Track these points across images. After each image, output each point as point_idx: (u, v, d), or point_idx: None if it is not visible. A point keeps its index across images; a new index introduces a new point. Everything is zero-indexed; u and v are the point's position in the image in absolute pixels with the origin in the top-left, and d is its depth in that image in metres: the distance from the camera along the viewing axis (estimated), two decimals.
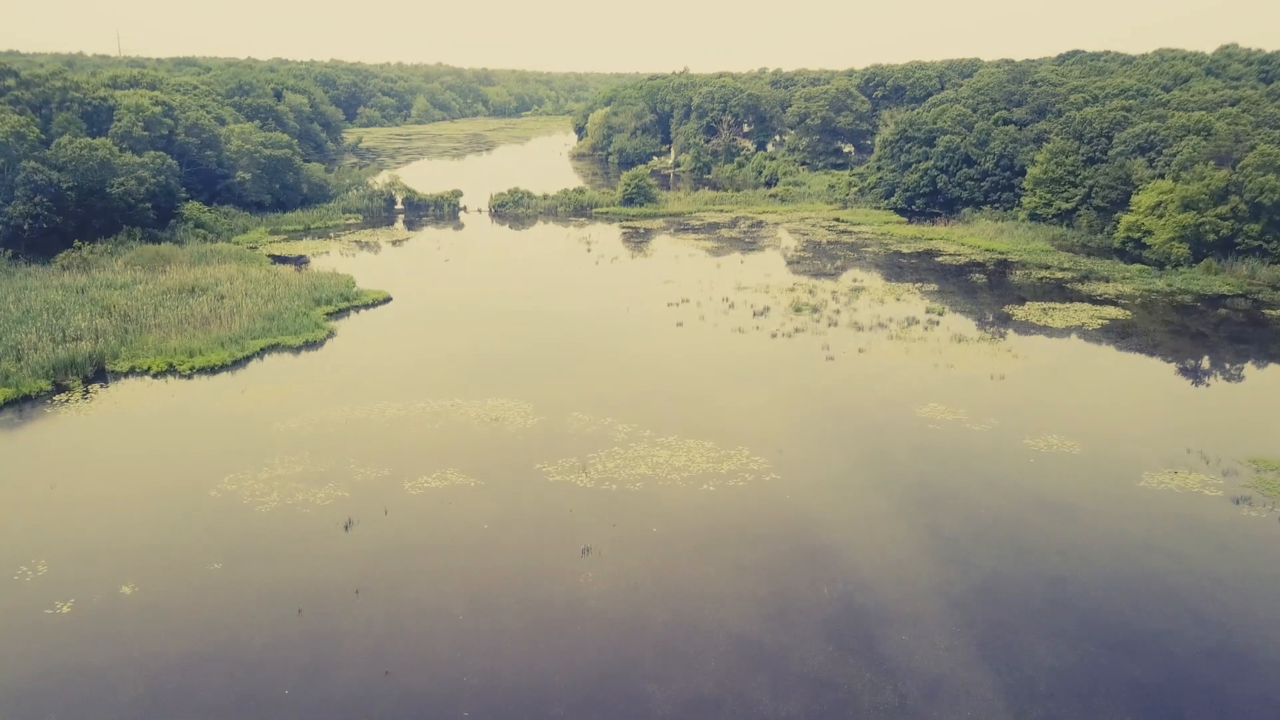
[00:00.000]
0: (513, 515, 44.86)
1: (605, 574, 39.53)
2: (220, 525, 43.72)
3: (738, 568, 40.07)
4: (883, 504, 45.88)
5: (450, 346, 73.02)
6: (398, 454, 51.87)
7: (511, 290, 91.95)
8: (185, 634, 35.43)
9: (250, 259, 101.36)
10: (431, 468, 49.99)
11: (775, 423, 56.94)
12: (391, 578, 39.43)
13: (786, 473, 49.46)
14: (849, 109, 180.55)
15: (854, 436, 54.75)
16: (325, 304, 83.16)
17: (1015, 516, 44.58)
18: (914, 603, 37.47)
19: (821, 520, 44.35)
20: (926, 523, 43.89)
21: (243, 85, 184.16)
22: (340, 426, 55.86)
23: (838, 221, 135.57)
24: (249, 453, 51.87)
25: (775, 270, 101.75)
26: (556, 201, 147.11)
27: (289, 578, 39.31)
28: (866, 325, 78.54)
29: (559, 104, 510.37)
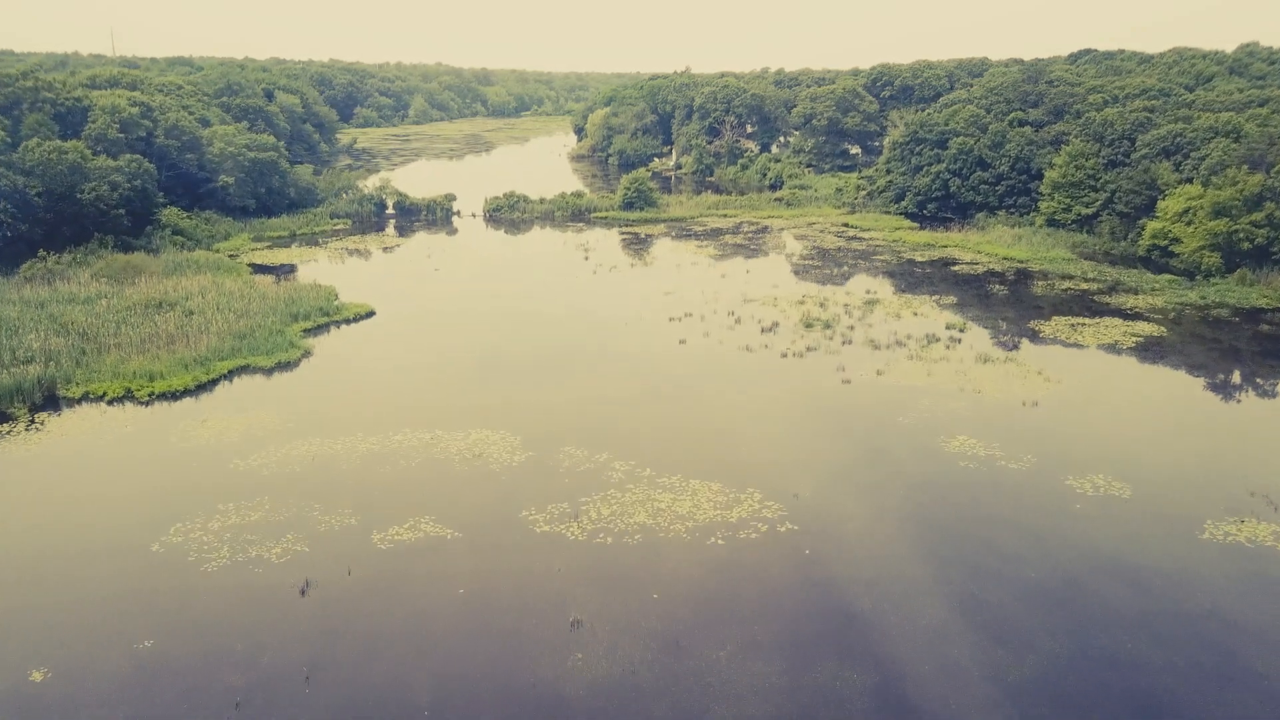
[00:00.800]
0: (493, 576, 39.32)
1: (597, 654, 33.98)
2: (158, 590, 38.19)
3: (752, 646, 34.50)
4: (915, 563, 40.32)
5: (434, 368, 67.50)
6: (367, 498, 46.35)
7: (503, 303, 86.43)
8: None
9: (229, 269, 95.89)
10: (404, 515, 44.46)
11: (789, 459, 51.39)
12: (349, 658, 33.89)
13: (804, 521, 43.92)
14: (856, 109, 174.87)
15: (877, 477, 49.18)
16: (303, 319, 77.65)
17: (1067, 579, 39.01)
18: (962, 695, 31.90)
19: (846, 584, 38.79)
20: (967, 588, 38.32)
21: (231, 85, 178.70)
22: (306, 464, 50.33)
23: (846, 227, 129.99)
24: (202, 496, 46.36)
25: (783, 280, 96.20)
26: (554, 206, 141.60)
27: (230, 658, 33.78)
28: (883, 343, 72.99)
29: (559, 104, 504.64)
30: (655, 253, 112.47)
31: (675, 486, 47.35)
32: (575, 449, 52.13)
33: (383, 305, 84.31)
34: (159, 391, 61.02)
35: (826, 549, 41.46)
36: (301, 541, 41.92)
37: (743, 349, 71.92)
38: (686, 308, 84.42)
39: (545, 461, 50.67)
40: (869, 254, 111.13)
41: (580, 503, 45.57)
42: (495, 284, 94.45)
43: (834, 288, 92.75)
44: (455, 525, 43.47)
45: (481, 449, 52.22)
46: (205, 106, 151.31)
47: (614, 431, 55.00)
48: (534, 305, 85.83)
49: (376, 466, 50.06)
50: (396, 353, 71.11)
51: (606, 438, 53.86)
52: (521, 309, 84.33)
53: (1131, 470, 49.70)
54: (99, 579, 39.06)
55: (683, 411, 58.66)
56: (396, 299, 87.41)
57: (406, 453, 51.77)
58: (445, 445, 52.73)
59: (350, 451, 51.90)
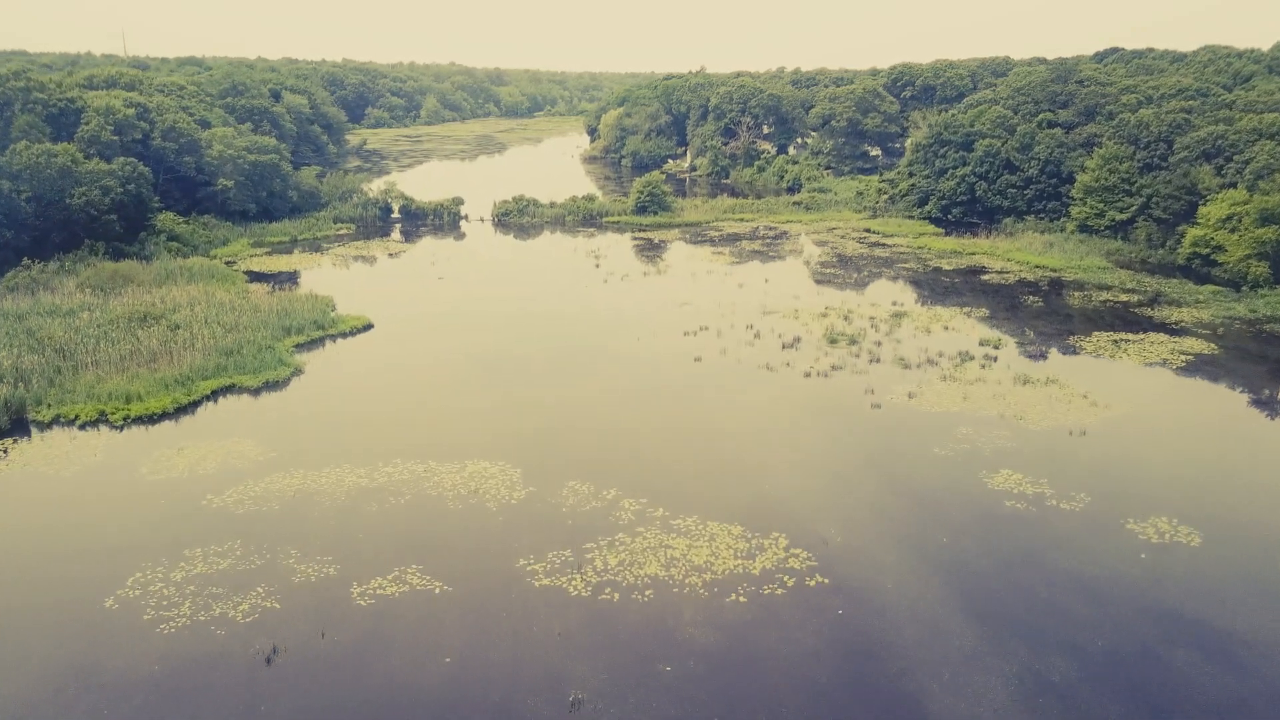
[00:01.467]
0: (484, 641, 34.70)
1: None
2: (104, 658, 33.72)
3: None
4: (965, 628, 35.46)
5: (431, 388, 62.98)
6: (350, 542, 41.82)
7: (507, 316, 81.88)
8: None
9: (223, 277, 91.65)
10: (389, 563, 39.92)
11: (816, 497, 46.60)
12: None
13: (836, 573, 39.14)
14: (877, 110, 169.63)
15: (915, 519, 44.34)
16: (296, 334, 73.26)
17: (1142, 651, 34.09)
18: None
19: (887, 656, 33.98)
20: (1028, 663, 33.43)
21: (236, 86, 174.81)
22: (286, 501, 45.85)
23: (869, 233, 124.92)
24: (167, 539, 41.93)
25: (804, 290, 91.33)
26: (564, 210, 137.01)
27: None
28: (914, 361, 68.07)
29: (572, 104, 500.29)
30: (669, 259, 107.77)
31: (691, 530, 42.64)
32: (580, 484, 47.48)
33: (382, 317, 79.89)
34: (135, 415, 56.66)
35: (862, 610, 36.65)
36: (272, 596, 37.41)
37: (763, 367, 67.13)
38: (702, 320, 79.70)
39: (547, 499, 46.05)
40: (893, 261, 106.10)
41: (585, 550, 40.93)
42: (500, 294, 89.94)
43: (858, 298, 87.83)
44: (445, 577, 38.89)
45: (478, 484, 47.62)
46: (208, 108, 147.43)
47: (623, 463, 50.32)
48: (540, 318, 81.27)
49: (362, 504, 45.53)
50: (392, 371, 66.63)
51: (615, 470, 49.20)
52: (527, 322, 79.78)
53: (1197, 512, 44.71)
54: (36, 648, 34.59)
55: (699, 440, 53.92)
56: (396, 310, 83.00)
57: (396, 488, 47.22)
58: (439, 479, 48.16)
59: (335, 486, 47.39)
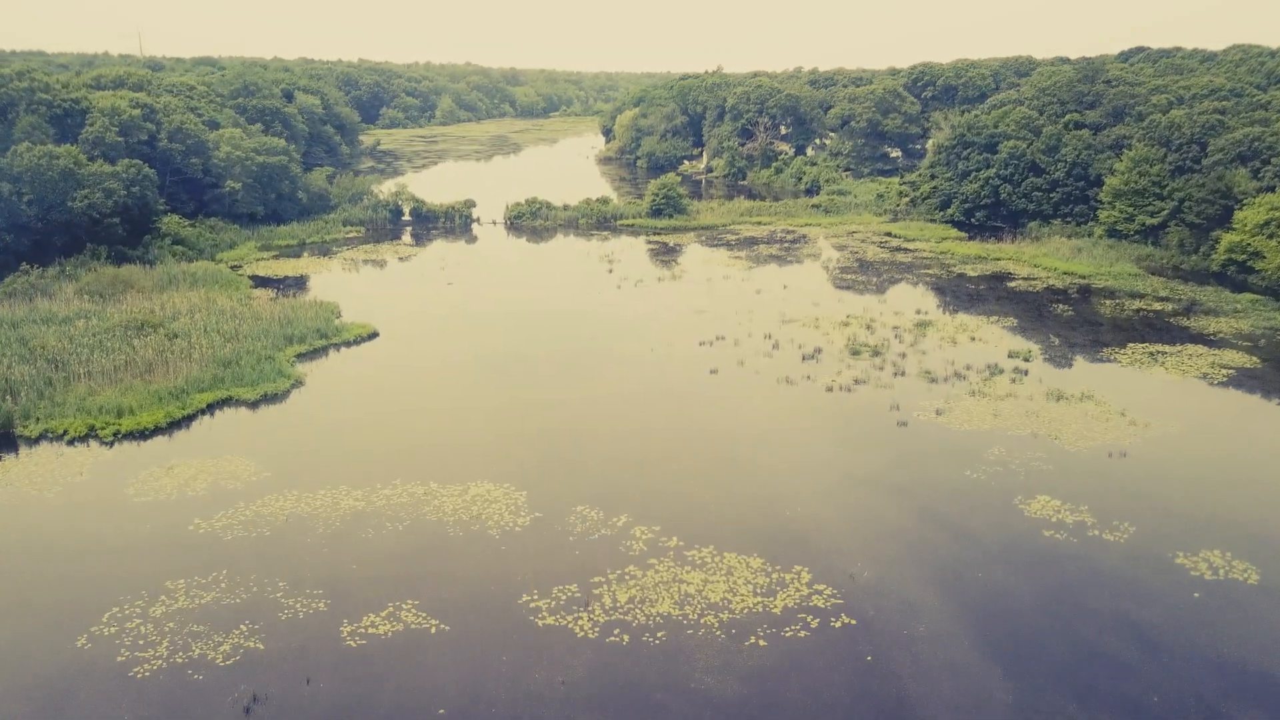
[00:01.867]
0: (481, 691, 31.96)
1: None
2: (69, 707, 31.19)
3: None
4: (1007, 679, 32.46)
5: (435, 402, 60.34)
6: (343, 574, 39.20)
7: (517, 323, 79.22)
8: None
9: (227, 283, 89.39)
10: (383, 598, 37.26)
11: (840, 525, 43.68)
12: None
13: (863, 613, 36.24)
14: (897, 110, 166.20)
15: (947, 551, 41.37)
16: (298, 343, 70.80)
17: (1206, 710, 31.05)
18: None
19: (922, 708, 31.05)
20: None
21: (248, 86, 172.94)
22: (278, 526, 43.28)
23: (890, 237, 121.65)
24: (149, 568, 39.43)
25: (824, 297, 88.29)
26: (578, 213, 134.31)
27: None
28: (940, 374, 65.00)
29: (588, 104, 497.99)
30: (685, 264, 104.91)
31: (707, 563, 39.81)
32: (589, 509, 44.72)
33: (387, 325, 77.38)
34: (126, 430, 54.25)
35: (893, 656, 33.72)
36: (257, 635, 34.81)
37: (782, 381, 64.20)
38: (719, 329, 76.83)
39: (554, 526, 43.30)
40: (916, 267, 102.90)
41: (592, 585, 38.15)
42: (510, 300, 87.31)
43: (880, 306, 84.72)
44: (442, 614, 36.19)
45: (480, 508, 44.93)
46: (218, 108, 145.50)
47: (635, 487, 47.53)
48: (551, 326, 78.56)
49: (358, 530, 42.91)
50: (395, 383, 64.06)
51: (626, 495, 46.42)
52: (536, 330, 77.09)
53: (1252, 544, 41.56)
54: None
55: (715, 461, 51.06)
56: (403, 318, 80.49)
57: (394, 512, 44.59)
58: (439, 503, 45.50)
59: (330, 510, 44.80)
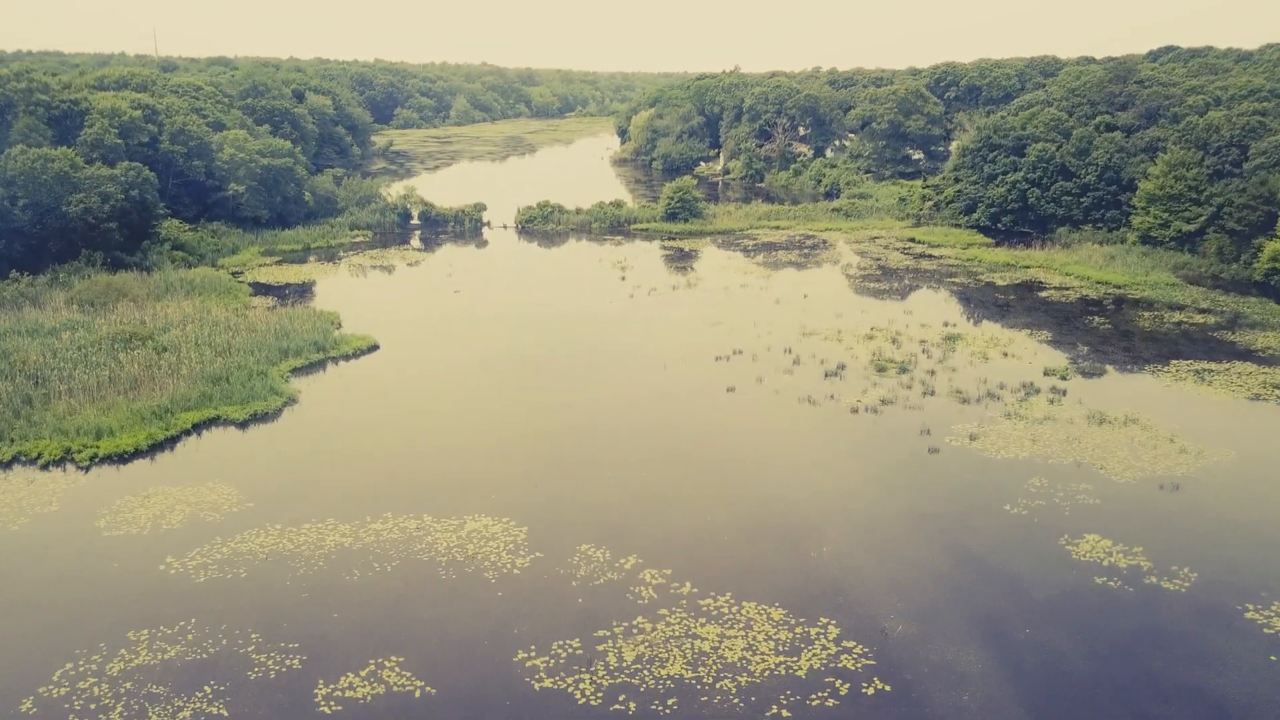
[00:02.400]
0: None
1: None
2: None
3: None
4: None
5: (433, 425, 56.79)
6: (322, 623, 35.63)
7: (523, 335, 75.61)
8: None
9: (226, 290, 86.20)
10: (365, 654, 33.67)
11: (871, 569, 39.81)
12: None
13: (898, 678, 32.37)
14: (920, 111, 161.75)
15: (990, 601, 37.43)
16: (294, 356, 67.43)
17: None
18: None
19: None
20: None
21: (257, 86, 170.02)
22: (255, 566, 39.77)
23: (913, 243, 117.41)
24: (112, 616, 35.98)
25: (846, 307, 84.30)
26: (591, 216, 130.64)
27: None
28: (972, 394, 60.98)
29: (604, 105, 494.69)
30: (700, 271, 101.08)
31: (724, 614, 36.02)
32: (595, 548, 41.04)
33: (389, 336, 73.94)
34: (104, 453, 50.90)
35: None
36: (221, 698, 31.27)
37: (804, 400, 60.34)
38: (736, 342, 73.02)
39: (555, 568, 39.62)
40: (942, 275, 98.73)
41: (596, 640, 34.43)
42: (518, 310, 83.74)
43: (906, 317, 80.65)
44: (428, 674, 32.55)
45: (476, 546, 41.30)
46: (225, 109, 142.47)
47: (645, 522, 43.80)
48: (558, 338, 74.92)
49: (342, 572, 39.35)
50: (392, 402, 60.54)
51: (635, 531, 42.70)
52: (543, 345, 73.47)
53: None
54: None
55: (733, 493, 47.27)
56: (406, 329, 77.05)
57: (383, 550, 41.02)
58: (432, 539, 41.91)
59: (314, 547, 41.27)
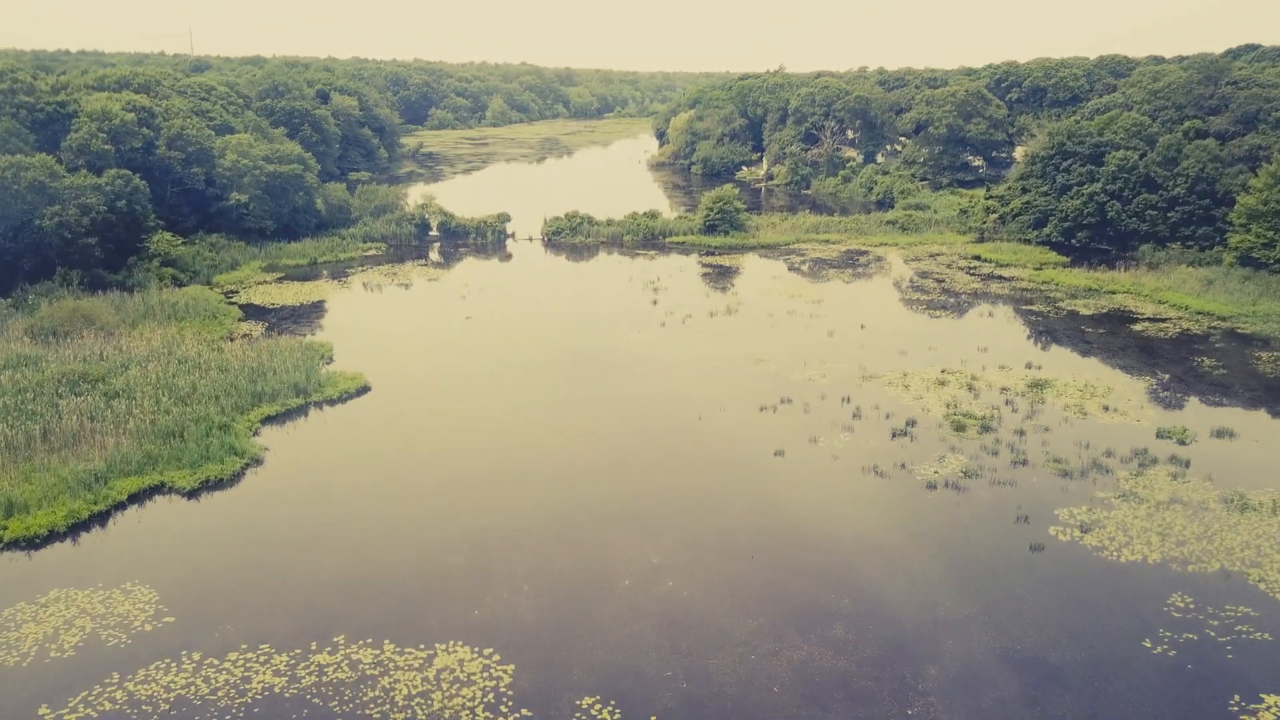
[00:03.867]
0: None
1: None
2: None
3: None
4: None
5: (415, 502, 46.93)
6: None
7: (534, 376, 65.70)
8: None
9: (213, 314, 77.35)
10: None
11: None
12: None
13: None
14: (981, 115, 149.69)
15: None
16: (268, 402, 58.07)
17: None
18: None
19: None
20: None
21: (277, 87, 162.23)
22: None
23: (979, 261, 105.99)
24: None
25: (910, 341, 73.45)
26: (622, 228, 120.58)
27: None
28: (1074, 463, 50.02)
29: (643, 105, 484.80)
30: (741, 293, 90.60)
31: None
32: (601, 705, 30.87)
33: (384, 374, 64.47)
34: (11, 538, 41.70)
35: None
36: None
37: (869, 470, 49.75)
38: (783, 386, 62.62)
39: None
40: (1015, 301, 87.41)
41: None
42: (534, 341, 73.88)
43: (981, 356, 69.67)
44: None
45: (446, 695, 31.30)
46: (238, 111, 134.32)
47: (671, 659, 33.52)
48: (576, 379, 64.92)
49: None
50: (371, 466, 50.80)
51: (657, 673, 32.49)
52: (558, 385, 63.52)
53: None
54: None
55: (785, 614, 36.81)
56: (405, 363, 67.52)
57: (324, 698, 31.15)
58: (390, 681, 31.99)
59: (235, 693, 31.53)
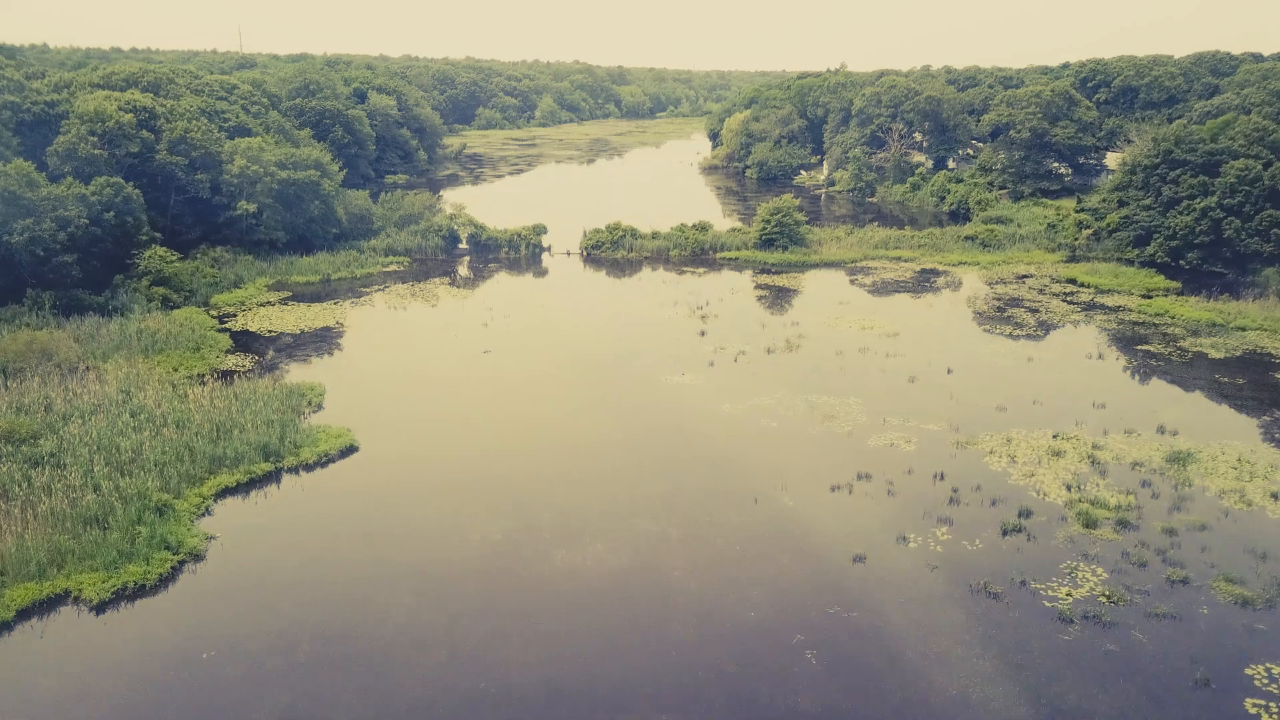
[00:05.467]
0: None
1: None
2: None
3: None
4: None
5: (390, 625, 36.08)
6: None
7: (558, 430, 54.63)
8: None
9: (196, 344, 67.65)
10: None
11: None
12: None
13: None
14: (1068, 117, 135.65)
15: None
16: (229, 468, 47.72)
17: None
18: None
19: None
20: None
21: (308, 85, 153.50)
22: None
23: (1075, 286, 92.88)
24: None
25: (1009, 391, 61.15)
26: (669, 241, 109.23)
27: None
28: (1254, 585, 37.71)
29: (697, 105, 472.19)
30: (804, 323, 78.77)
31: None
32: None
33: (377, 426, 53.98)
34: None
35: None
36: None
37: (978, 590, 37.87)
38: (859, 454, 50.93)
39: None
40: (1126, 339, 74.48)
41: None
42: (558, 385, 62.93)
43: (1098, 414, 57.22)
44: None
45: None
46: (259, 112, 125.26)
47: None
48: (604, 440, 53.72)
49: None
50: (340, 565, 40.06)
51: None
52: (581, 448, 52.38)
53: None
54: None
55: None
56: (404, 414, 56.94)
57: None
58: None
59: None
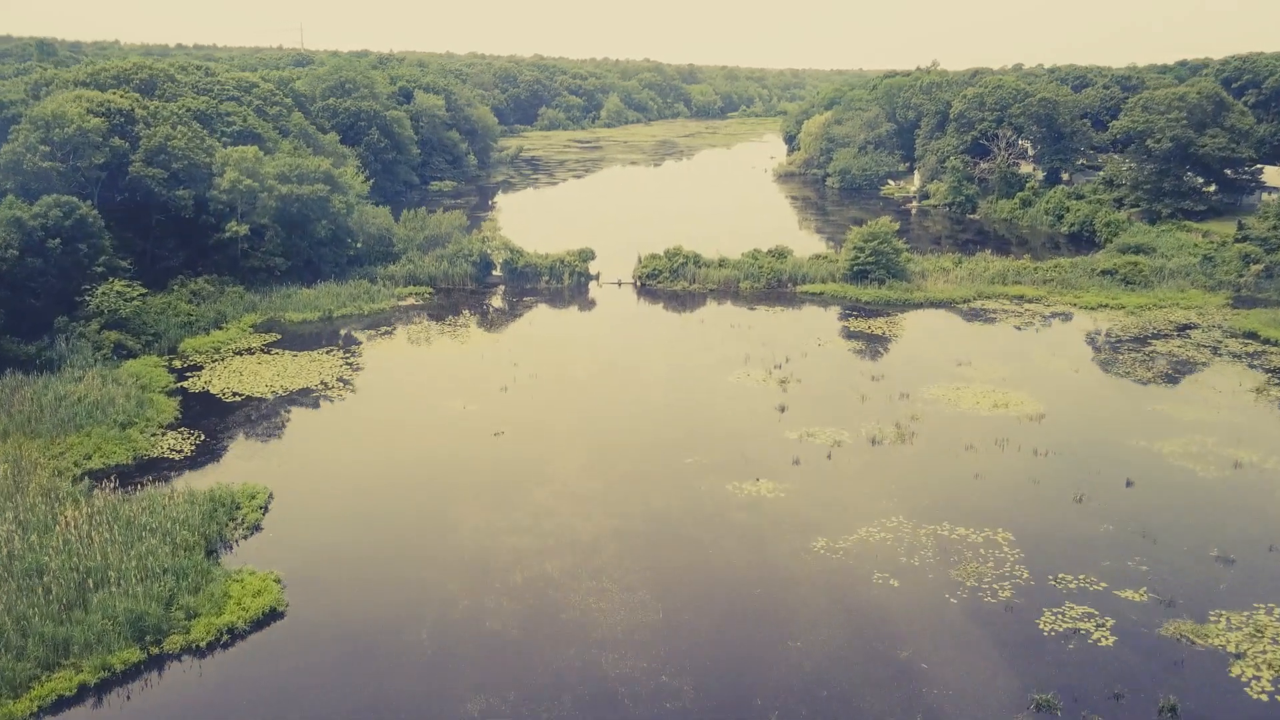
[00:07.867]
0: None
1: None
2: None
3: None
4: None
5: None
6: None
7: (568, 590, 37.88)
8: None
9: (124, 422, 52.64)
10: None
11: None
12: None
13: None
14: (1218, 124, 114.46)
15: None
16: (79, 656, 32.05)
17: None
18: None
19: None
20: None
21: (343, 84, 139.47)
22: None
23: (1257, 344, 73.19)
24: None
25: (1234, 532, 42.78)
26: (740, 271, 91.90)
27: None
28: None
29: (770, 104, 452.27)
30: (915, 394, 60.89)
31: None
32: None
33: (322, 570, 37.98)
34: None
35: None
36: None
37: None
38: (1026, 649, 33.47)
39: None
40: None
41: None
42: (585, 494, 46.21)
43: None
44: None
45: None
46: (279, 115, 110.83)
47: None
48: (641, 606, 36.87)
49: None
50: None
51: None
52: (607, 626, 35.62)
53: None
54: None
55: None
56: (368, 538, 40.79)
57: None
58: None
59: None
